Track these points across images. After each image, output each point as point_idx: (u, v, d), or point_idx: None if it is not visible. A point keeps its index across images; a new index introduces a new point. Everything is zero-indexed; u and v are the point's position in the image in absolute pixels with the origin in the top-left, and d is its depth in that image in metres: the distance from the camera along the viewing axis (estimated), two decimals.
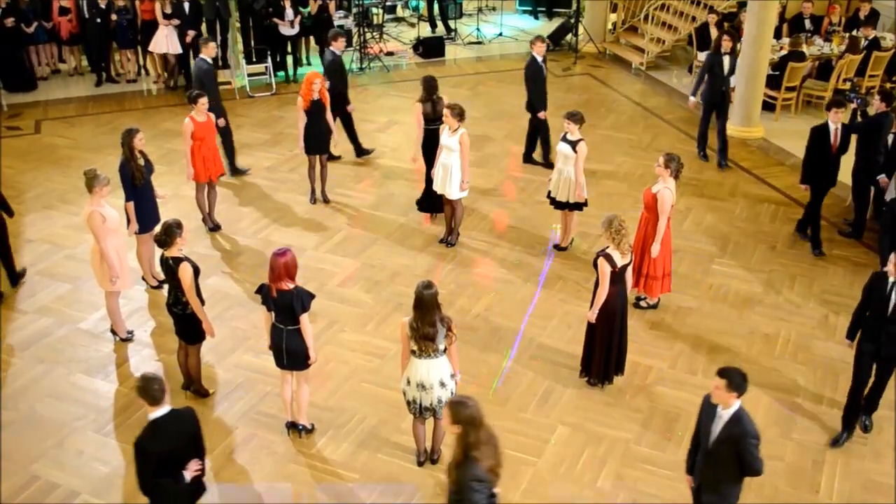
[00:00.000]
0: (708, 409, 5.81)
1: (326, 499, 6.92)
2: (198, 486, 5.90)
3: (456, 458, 5.20)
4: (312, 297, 7.05)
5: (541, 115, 11.89)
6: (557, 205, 10.01)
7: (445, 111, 9.74)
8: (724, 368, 5.69)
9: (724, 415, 5.66)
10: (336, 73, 12.01)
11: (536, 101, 11.85)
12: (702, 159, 12.53)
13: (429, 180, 10.57)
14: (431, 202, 10.80)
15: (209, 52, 11.45)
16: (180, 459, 5.66)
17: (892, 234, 9.18)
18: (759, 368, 8.40)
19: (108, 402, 7.94)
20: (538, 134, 12.26)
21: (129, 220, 9.13)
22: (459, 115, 9.67)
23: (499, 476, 5.37)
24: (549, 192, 10.06)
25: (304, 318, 6.96)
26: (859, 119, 10.62)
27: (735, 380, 5.56)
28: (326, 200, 11.33)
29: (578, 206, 9.94)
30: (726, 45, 11.95)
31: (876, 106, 10.20)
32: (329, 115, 10.95)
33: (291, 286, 6.89)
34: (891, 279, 6.93)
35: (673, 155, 8.66)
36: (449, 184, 9.92)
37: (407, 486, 7.03)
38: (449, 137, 9.76)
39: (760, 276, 9.87)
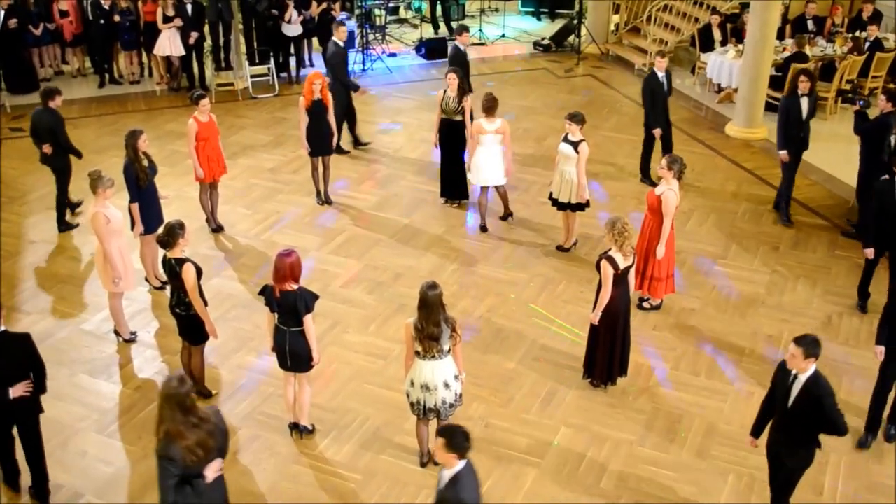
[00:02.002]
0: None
1: (329, 499, 6.92)
2: (29, 406, 6.51)
3: (157, 433, 5.33)
4: (316, 297, 7.06)
5: (655, 132, 11.59)
6: (559, 206, 10.01)
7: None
8: (443, 428, 5.23)
9: (445, 475, 5.20)
10: (458, 67, 12.26)
11: (651, 117, 11.54)
12: (784, 223, 10.94)
13: (443, 167, 11.19)
14: (449, 188, 11.30)
15: (340, 35, 12.07)
16: (6, 378, 6.31)
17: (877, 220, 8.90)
18: (761, 369, 8.39)
19: (112, 403, 7.95)
20: (650, 150, 11.91)
21: (133, 222, 9.14)
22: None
23: (199, 457, 5.28)
24: (551, 194, 10.07)
25: (308, 319, 6.97)
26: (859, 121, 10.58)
27: (455, 440, 5.09)
28: (329, 202, 11.34)
29: (581, 207, 9.94)
30: (803, 86, 10.50)
31: (882, 106, 10.15)
32: (331, 116, 10.96)
33: (295, 287, 6.89)
34: (792, 372, 6.00)
35: (675, 157, 8.67)
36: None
37: (409, 486, 7.04)
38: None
39: (763, 278, 9.86)
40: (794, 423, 6.08)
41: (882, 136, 10.05)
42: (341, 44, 12.17)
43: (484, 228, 10.74)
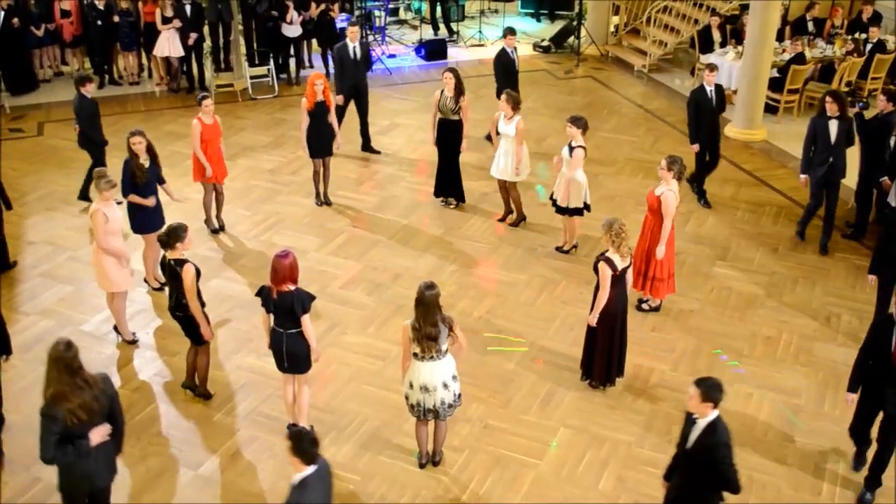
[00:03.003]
0: None
1: None
2: None
3: (44, 394, 5.60)
4: (313, 298, 7.06)
5: (693, 147, 11.27)
6: (559, 209, 10.03)
7: (502, 98, 10.27)
8: (291, 432, 5.22)
9: (294, 478, 5.16)
10: (499, 69, 12.50)
11: (692, 131, 11.25)
12: (797, 237, 10.65)
13: (440, 166, 11.18)
14: (444, 187, 11.34)
15: (349, 35, 12.26)
16: None
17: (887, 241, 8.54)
18: (760, 371, 8.40)
19: None
20: (700, 167, 11.48)
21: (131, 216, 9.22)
22: (515, 103, 10.19)
23: (81, 420, 5.56)
24: (552, 195, 10.09)
25: (306, 319, 6.97)
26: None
27: (300, 445, 5.11)
28: (328, 203, 11.34)
29: (579, 212, 9.95)
30: (830, 108, 9.89)
31: (882, 106, 10.15)
32: (333, 117, 10.96)
33: (292, 288, 6.90)
34: (694, 414, 5.64)
35: (675, 157, 8.67)
36: (507, 168, 10.43)
37: (408, 488, 7.04)
38: (505, 125, 10.22)
39: (762, 279, 9.87)
40: (690, 469, 5.75)
41: (883, 137, 10.07)
42: (349, 45, 12.26)
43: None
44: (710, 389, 5.50)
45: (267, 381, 8.12)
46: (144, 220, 9.19)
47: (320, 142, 10.94)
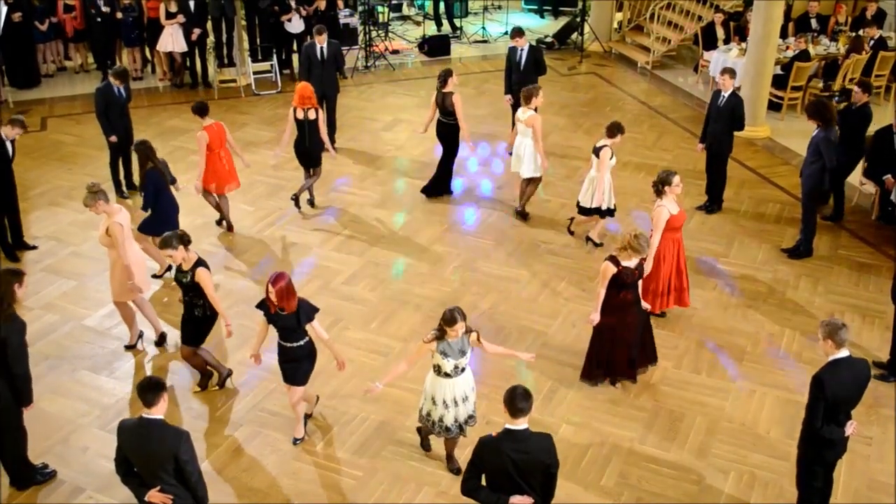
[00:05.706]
0: None
1: (330, 496, 6.93)
2: None
3: None
4: (316, 310, 7.07)
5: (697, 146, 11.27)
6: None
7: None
8: None
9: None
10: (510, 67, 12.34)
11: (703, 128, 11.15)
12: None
13: (439, 166, 11.35)
14: (435, 188, 11.44)
15: (319, 40, 12.13)
16: None
17: None
18: (763, 368, 8.39)
19: (113, 398, 7.96)
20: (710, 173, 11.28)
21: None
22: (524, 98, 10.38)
23: None
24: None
25: (316, 326, 7.01)
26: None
27: None
28: (313, 204, 11.27)
29: (587, 212, 10.05)
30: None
31: (857, 98, 10.39)
32: (323, 129, 10.77)
33: (295, 305, 6.89)
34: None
35: (660, 176, 8.51)
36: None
37: (410, 483, 7.04)
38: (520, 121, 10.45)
39: (765, 276, 9.86)
40: None
41: (862, 127, 10.27)
42: (317, 45, 12.16)
43: (520, 213, 11.01)
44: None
45: (269, 377, 8.12)
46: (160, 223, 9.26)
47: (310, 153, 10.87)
